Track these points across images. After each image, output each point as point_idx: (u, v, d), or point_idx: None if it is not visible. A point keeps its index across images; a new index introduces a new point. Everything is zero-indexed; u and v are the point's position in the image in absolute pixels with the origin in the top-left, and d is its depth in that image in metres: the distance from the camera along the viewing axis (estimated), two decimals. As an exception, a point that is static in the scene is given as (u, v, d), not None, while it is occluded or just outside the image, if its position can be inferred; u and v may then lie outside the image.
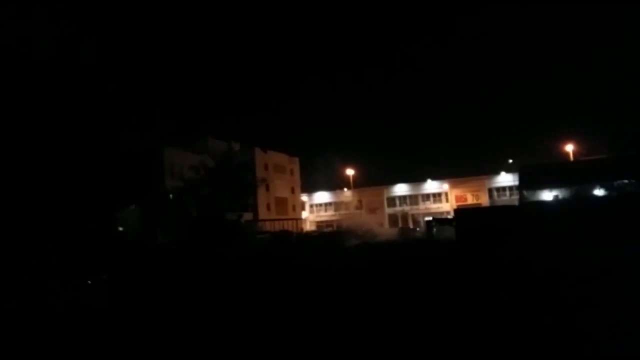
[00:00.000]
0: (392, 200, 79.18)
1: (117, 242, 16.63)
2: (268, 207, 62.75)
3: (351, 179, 76.50)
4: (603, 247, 16.36)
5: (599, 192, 36.89)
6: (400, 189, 78.64)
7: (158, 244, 25.00)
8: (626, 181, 33.34)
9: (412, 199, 77.65)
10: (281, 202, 67.86)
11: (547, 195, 39.01)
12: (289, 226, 56.75)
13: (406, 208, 77.20)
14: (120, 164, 17.41)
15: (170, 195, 31.71)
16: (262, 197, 55.74)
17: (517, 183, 48.55)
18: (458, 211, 35.58)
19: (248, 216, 46.38)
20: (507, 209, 34.54)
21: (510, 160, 68.75)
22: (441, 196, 75.91)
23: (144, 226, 28.82)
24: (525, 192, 40.87)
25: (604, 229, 18.67)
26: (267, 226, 49.90)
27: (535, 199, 38.92)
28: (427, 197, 76.94)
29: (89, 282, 11.83)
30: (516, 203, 45.13)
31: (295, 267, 19.71)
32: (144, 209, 28.87)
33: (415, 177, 77.59)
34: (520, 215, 27.62)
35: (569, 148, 57.51)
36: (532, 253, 18.52)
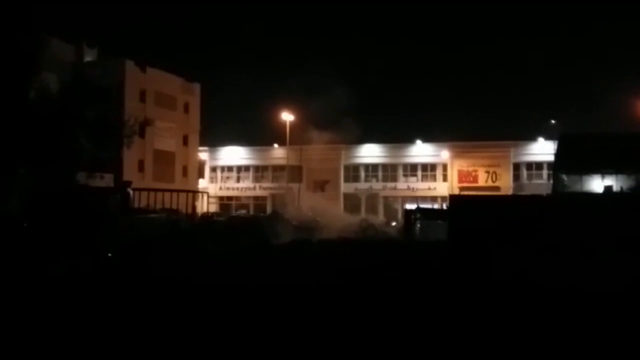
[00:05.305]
0: (353, 170, 67.15)
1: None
2: (141, 166, 52.65)
3: (287, 128, 64.03)
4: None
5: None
6: (370, 151, 67.38)
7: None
8: None
9: (388, 170, 66.06)
10: (164, 160, 57.61)
11: (598, 183, 33.59)
12: (176, 202, 40.24)
13: (376, 186, 65.89)
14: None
15: None
16: (132, 149, 40.25)
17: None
18: (455, 198, 31.65)
19: (107, 181, 36.37)
20: (531, 200, 30.21)
21: (553, 121, 61.12)
22: (436, 170, 65.11)
23: None
24: (563, 177, 35.28)
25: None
26: (141, 201, 35.71)
27: (578, 188, 33.96)
28: (413, 168, 65.79)
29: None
30: (549, 191, 41.42)
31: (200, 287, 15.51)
32: None
33: (395, 138, 67.67)
34: (549, 212, 23.62)
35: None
36: (558, 272, 16.44)
